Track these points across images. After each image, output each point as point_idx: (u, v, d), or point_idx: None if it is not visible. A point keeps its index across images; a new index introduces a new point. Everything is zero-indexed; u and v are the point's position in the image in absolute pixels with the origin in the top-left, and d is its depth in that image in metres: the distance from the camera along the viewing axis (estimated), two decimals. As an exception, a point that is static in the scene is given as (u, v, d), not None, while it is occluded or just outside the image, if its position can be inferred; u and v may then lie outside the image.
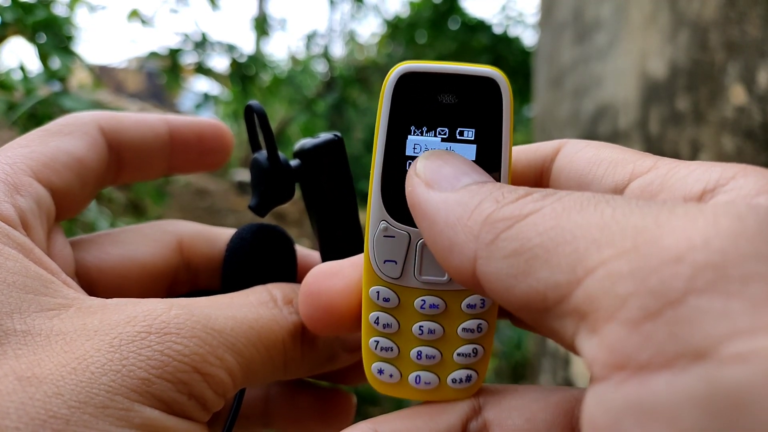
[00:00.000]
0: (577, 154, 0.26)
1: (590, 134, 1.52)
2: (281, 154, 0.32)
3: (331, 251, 0.33)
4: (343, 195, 0.33)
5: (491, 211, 0.19)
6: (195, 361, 0.24)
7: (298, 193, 0.34)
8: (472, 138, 0.25)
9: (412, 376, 0.27)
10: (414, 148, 0.25)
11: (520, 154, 0.28)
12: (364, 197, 0.27)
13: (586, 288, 0.16)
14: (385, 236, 0.26)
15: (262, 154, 0.32)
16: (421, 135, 0.25)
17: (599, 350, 0.15)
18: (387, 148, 0.25)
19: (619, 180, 0.24)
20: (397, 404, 1.73)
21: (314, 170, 0.32)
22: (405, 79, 0.25)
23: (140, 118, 0.34)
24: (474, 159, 0.25)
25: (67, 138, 0.31)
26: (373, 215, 0.26)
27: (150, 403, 0.23)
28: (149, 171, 0.36)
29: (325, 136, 0.33)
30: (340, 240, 0.33)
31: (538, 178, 0.27)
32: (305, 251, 0.35)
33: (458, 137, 0.25)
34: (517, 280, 0.18)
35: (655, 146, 1.19)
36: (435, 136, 0.25)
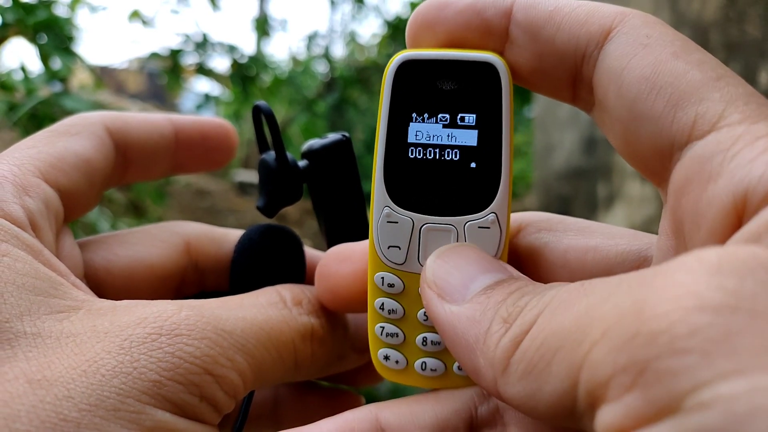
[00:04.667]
0: (632, 61, 0.22)
1: (591, 135, 1.51)
2: (289, 155, 0.32)
3: None
4: (351, 195, 0.33)
5: (500, 336, 0.21)
6: (206, 363, 0.24)
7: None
8: (473, 123, 0.25)
9: (418, 363, 0.27)
10: (416, 135, 0.26)
11: (560, 26, 0.23)
12: (368, 197, 0.27)
13: (583, 385, 0.17)
14: (388, 222, 0.26)
15: (270, 155, 0.32)
16: (423, 122, 0.26)
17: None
18: (389, 135, 0.26)
19: (676, 134, 0.21)
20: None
21: (323, 171, 0.32)
22: (405, 66, 0.25)
23: (145, 118, 0.34)
24: (476, 144, 0.25)
25: (74, 138, 0.31)
26: (376, 202, 0.26)
27: (161, 406, 0.23)
28: (154, 170, 0.36)
29: (333, 136, 0.33)
30: (348, 240, 0.33)
31: (579, 62, 0.23)
32: (314, 252, 0.35)
33: (459, 123, 0.25)
34: (535, 398, 0.19)
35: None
36: (436, 122, 0.26)
